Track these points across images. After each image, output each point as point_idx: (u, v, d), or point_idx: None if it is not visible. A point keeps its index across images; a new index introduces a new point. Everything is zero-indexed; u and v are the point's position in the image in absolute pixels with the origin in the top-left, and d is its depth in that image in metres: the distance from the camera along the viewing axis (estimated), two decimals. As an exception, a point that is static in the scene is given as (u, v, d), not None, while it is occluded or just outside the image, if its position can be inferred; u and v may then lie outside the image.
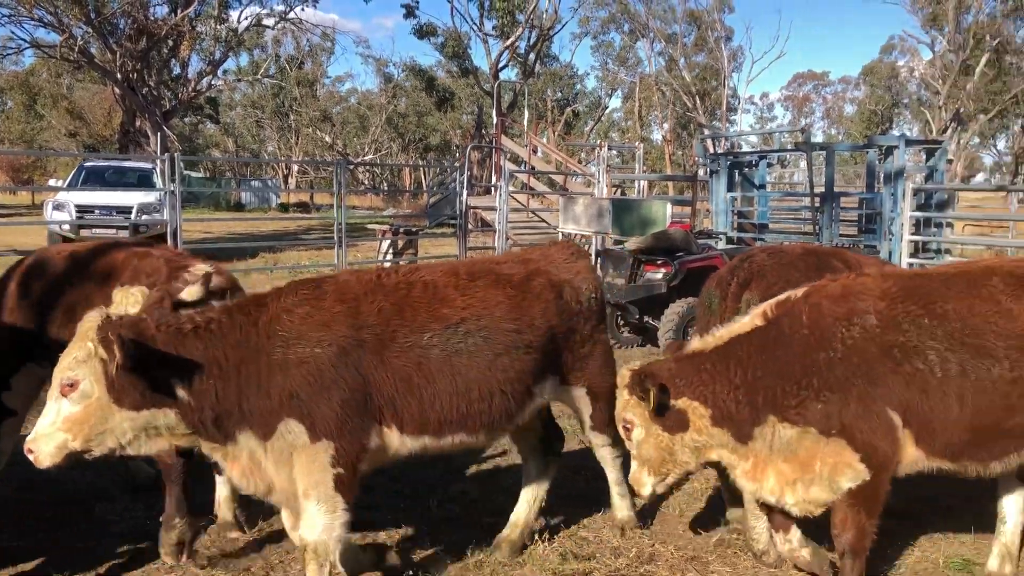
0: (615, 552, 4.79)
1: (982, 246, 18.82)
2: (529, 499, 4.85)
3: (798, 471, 3.86)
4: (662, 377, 3.89)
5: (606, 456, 4.90)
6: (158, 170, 16.41)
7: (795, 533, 4.34)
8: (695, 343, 4.17)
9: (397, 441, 3.95)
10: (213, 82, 35.29)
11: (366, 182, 64.87)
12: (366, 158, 57.06)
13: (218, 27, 29.49)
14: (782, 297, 4.08)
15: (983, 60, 43.66)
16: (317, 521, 3.74)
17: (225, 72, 44.51)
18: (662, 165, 56.40)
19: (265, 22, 32.90)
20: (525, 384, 4.25)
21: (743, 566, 4.71)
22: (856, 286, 3.98)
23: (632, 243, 10.67)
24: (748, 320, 4.04)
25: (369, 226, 19.45)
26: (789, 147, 20.15)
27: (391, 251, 14.72)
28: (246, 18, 30.76)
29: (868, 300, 3.86)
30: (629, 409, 3.97)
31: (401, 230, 15.37)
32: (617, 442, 4.58)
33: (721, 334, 4.06)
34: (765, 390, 3.83)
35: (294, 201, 48.43)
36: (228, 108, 62.57)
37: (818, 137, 64.41)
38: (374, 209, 42.83)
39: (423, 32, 40.71)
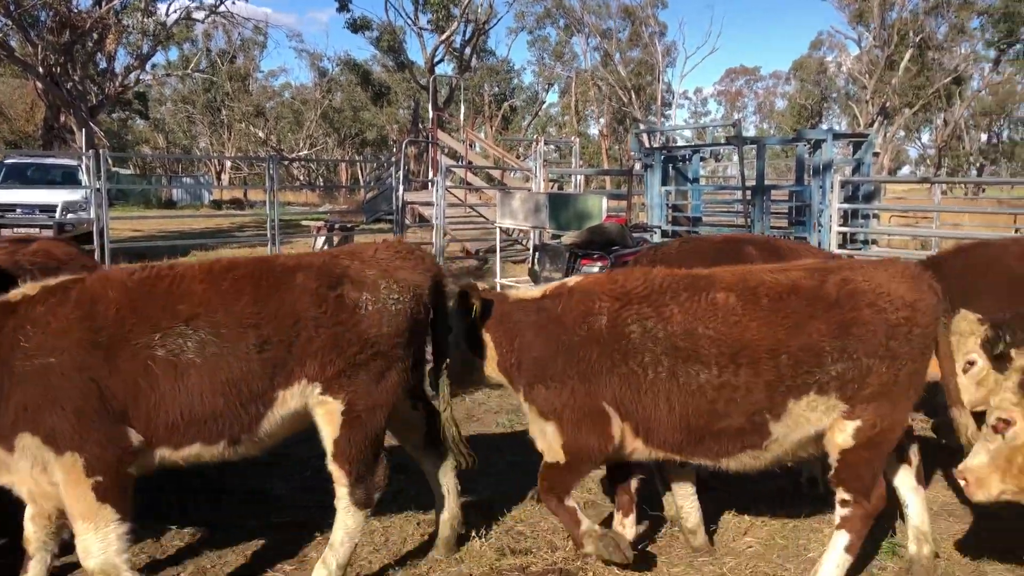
0: (552, 546, 4.81)
1: (908, 236, 19.41)
2: (443, 494, 4.66)
3: None
4: None
5: (339, 504, 4.05)
6: (84, 167, 15.93)
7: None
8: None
9: (148, 451, 3.72)
10: (141, 77, 34.38)
11: (301, 178, 64.00)
12: (301, 154, 56.33)
13: (145, 20, 28.69)
14: (562, 281, 4.38)
15: (907, 56, 44.95)
16: (91, 544, 3.59)
17: (154, 66, 43.38)
18: (599, 160, 56.86)
19: (195, 15, 32.14)
20: (268, 387, 3.78)
21: (677, 554, 4.77)
22: (595, 286, 4.18)
23: (568, 237, 10.69)
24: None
25: (304, 223, 19.19)
26: (721, 141, 20.52)
27: (326, 248, 14.55)
28: (175, 11, 30.04)
29: (605, 301, 4.05)
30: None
31: (336, 226, 15.21)
32: (357, 486, 4.00)
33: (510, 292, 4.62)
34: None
35: (227, 198, 47.53)
36: (158, 103, 61.11)
37: (750, 131, 65.61)
38: (310, 205, 42.23)
39: (357, 26, 40.27)
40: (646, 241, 11.28)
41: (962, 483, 3.58)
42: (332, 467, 3.98)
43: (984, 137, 62.87)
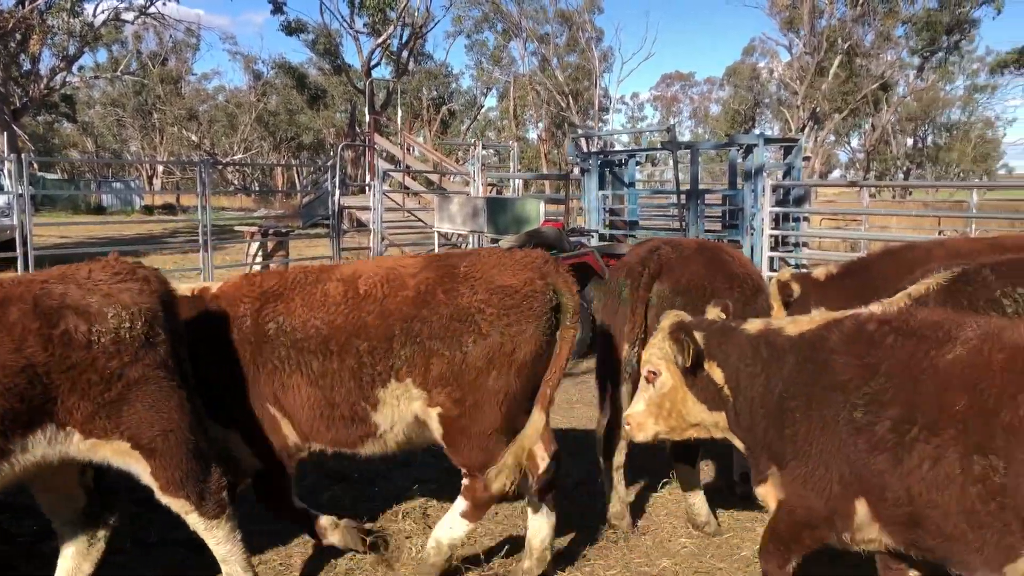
0: (487, 551, 4.81)
1: (838, 238, 19.89)
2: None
3: None
4: None
5: (199, 530, 3.94)
6: (6, 171, 15.39)
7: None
8: None
9: None
10: (68, 79, 33.48)
11: (236, 182, 62.94)
12: (235, 157, 55.37)
13: (71, 21, 27.92)
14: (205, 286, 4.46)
15: (836, 62, 46.10)
16: None
17: (81, 68, 42.31)
18: (539, 164, 57.11)
19: (124, 16, 31.41)
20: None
21: (614, 557, 4.80)
22: (235, 288, 4.33)
23: (506, 241, 10.71)
24: None
25: (238, 228, 18.85)
26: (656, 146, 20.77)
27: (260, 253, 14.32)
28: (102, 12, 29.32)
29: (248, 302, 4.23)
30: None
31: (271, 231, 14.96)
32: (201, 503, 3.85)
33: None
34: None
35: (159, 203, 46.52)
36: (86, 106, 59.50)
37: (686, 136, 66.65)
38: (245, 210, 41.57)
39: (292, 29, 39.81)
40: (583, 245, 11.36)
41: (626, 427, 3.98)
42: (168, 502, 3.78)
43: (910, 142, 64.78)
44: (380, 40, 37.21)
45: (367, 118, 26.04)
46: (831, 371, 3.34)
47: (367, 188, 18.85)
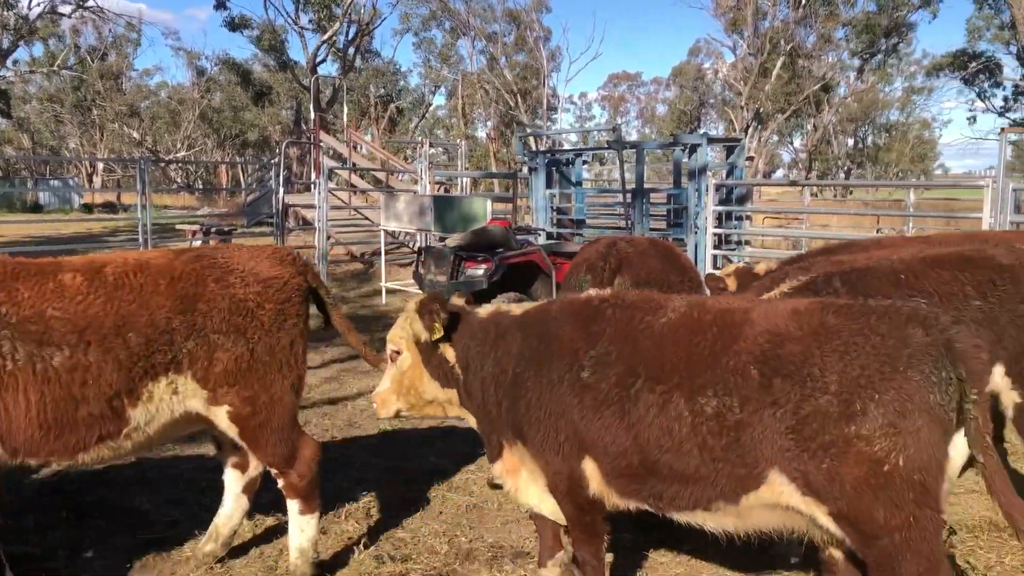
0: (432, 550, 4.79)
1: (779, 237, 20.23)
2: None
3: None
4: None
5: None
6: (-65, 169, 14.90)
7: None
8: None
9: None
10: (2, 73, 32.50)
11: (179, 180, 61.74)
12: (178, 155, 54.34)
13: (5, 14, 27.12)
14: None
15: (779, 63, 46.89)
16: None
17: (16, 63, 41.09)
18: (488, 162, 57.08)
19: (60, 10, 30.62)
20: None
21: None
22: None
23: (453, 240, 10.70)
24: None
25: (179, 226, 18.49)
26: (603, 145, 20.90)
27: (204, 252, 14.06)
28: (38, 4, 28.51)
29: None
30: None
31: (212, 230, 14.71)
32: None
33: None
34: None
35: (100, 201, 45.44)
36: (22, 102, 57.76)
37: (633, 136, 67.18)
38: (188, 208, 40.80)
39: (236, 24, 39.27)
40: (530, 243, 11.38)
41: (373, 405, 4.17)
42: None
43: (851, 142, 66.13)
44: (326, 37, 36.88)
45: (313, 115, 25.75)
46: (558, 340, 3.62)
47: (312, 186, 18.64)
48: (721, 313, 3.39)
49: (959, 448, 3.05)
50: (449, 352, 3.96)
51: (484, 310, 4.05)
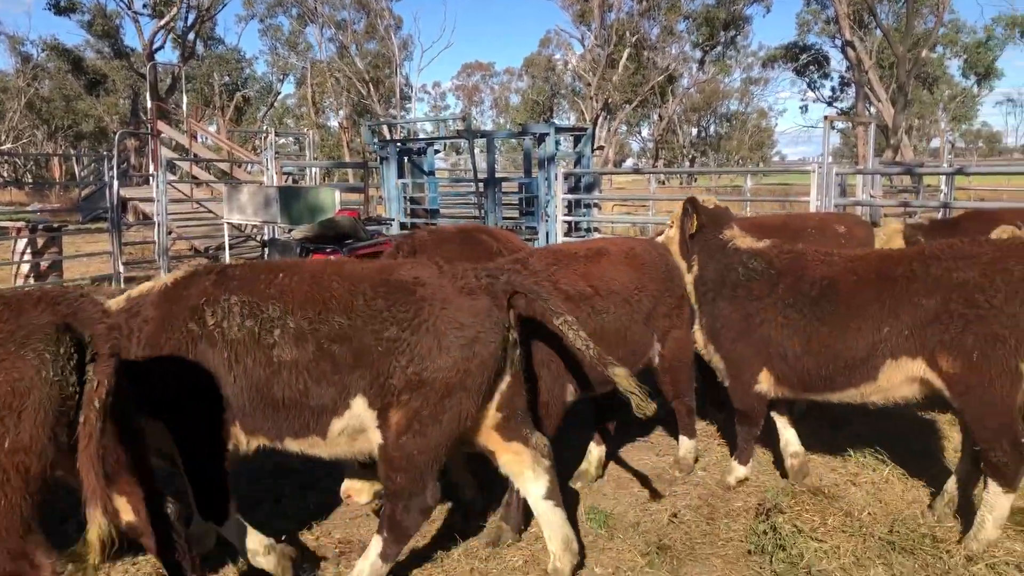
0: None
1: (628, 224, 20.86)
2: None
3: None
4: None
5: None
6: None
7: None
8: None
9: None
10: None
11: (5, 174, 57.46)
12: (3, 147, 50.56)
13: None
14: None
15: (625, 55, 48.22)
16: None
17: None
18: (341, 152, 56.05)
19: None
20: None
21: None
22: None
23: (299, 231, 10.39)
24: None
25: (3, 224, 17.18)
26: (453, 135, 20.93)
27: (29, 250, 13.11)
28: None
29: None
30: None
31: (41, 227, 13.73)
32: None
33: None
34: None
35: (-87, 198, 41.70)
36: None
37: (487, 125, 67.57)
38: (16, 204, 38.00)
39: (61, 8, 36.82)
40: (380, 234, 11.22)
41: None
42: None
43: (695, 131, 68.93)
44: (163, 22, 35.12)
45: (150, 105, 24.50)
46: (193, 313, 3.91)
47: (151, 179, 17.76)
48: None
49: None
50: None
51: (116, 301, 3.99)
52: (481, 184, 14.63)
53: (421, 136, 21.46)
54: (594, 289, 4.94)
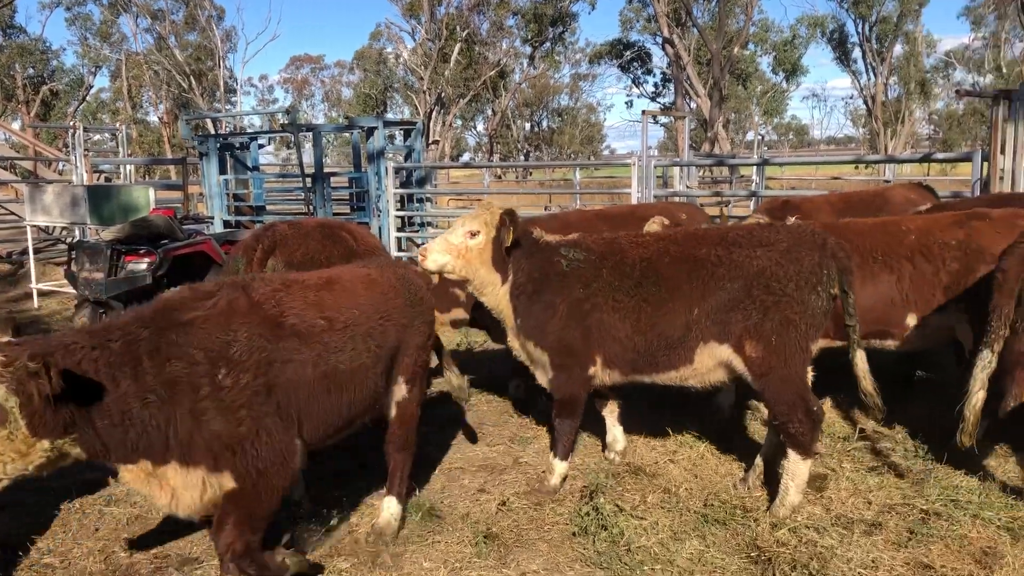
0: (84, 572, 4.34)
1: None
2: None
3: None
4: None
5: None
6: None
7: None
8: None
9: None
10: None
11: None
12: None
13: None
14: None
15: (456, 49, 48.37)
16: None
17: None
18: (162, 149, 53.30)
19: None
20: None
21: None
22: None
23: (109, 233, 9.77)
24: None
25: None
26: (278, 128, 20.34)
27: None
28: None
29: None
30: None
31: None
32: None
33: None
34: None
35: None
36: None
37: (320, 119, 66.08)
38: None
39: None
40: (200, 233, 10.73)
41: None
42: None
43: (528, 126, 70.07)
44: (-47, 8, 32.15)
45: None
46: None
47: (-59, 179, 16.24)
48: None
49: None
50: None
51: None
52: (309, 179, 14.26)
53: (249, 130, 20.70)
54: (328, 321, 4.12)
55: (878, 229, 5.79)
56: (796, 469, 4.71)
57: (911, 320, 5.60)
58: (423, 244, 14.87)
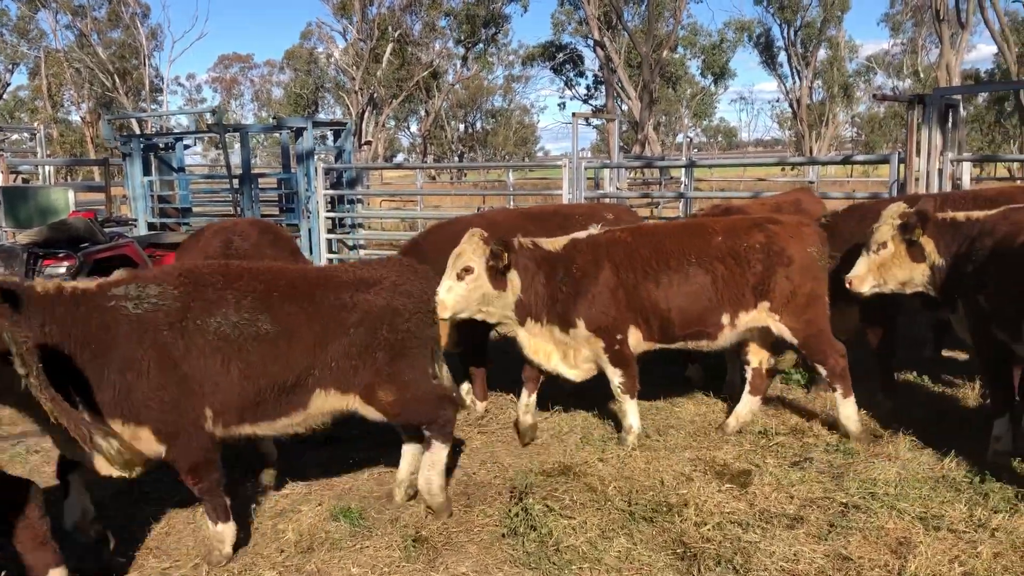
0: None
1: (396, 219, 20.83)
2: None
3: None
4: None
5: None
6: None
7: None
8: None
9: None
10: None
11: None
12: None
13: None
14: None
15: (388, 49, 48.05)
16: None
17: None
18: (85, 149, 51.70)
19: None
20: None
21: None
22: None
23: (26, 236, 9.45)
24: None
25: None
26: (205, 129, 19.94)
27: None
28: None
29: None
30: None
31: None
32: None
33: None
34: None
35: None
36: None
37: (249, 119, 64.95)
38: None
39: None
40: (122, 236, 10.44)
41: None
42: None
43: (462, 127, 69.99)
44: None
45: None
46: None
47: None
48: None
49: None
50: None
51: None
52: (236, 180, 14.00)
53: (176, 130, 20.20)
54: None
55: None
56: (437, 458, 5.02)
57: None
58: (353, 246, 14.76)
